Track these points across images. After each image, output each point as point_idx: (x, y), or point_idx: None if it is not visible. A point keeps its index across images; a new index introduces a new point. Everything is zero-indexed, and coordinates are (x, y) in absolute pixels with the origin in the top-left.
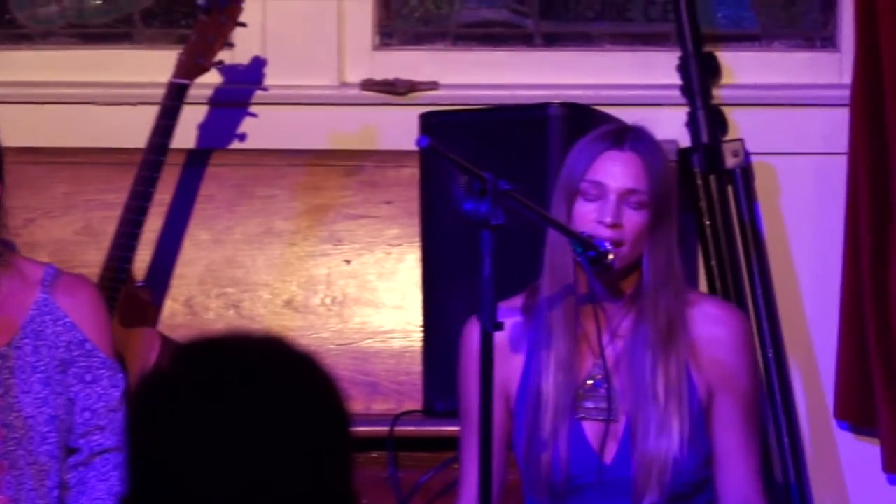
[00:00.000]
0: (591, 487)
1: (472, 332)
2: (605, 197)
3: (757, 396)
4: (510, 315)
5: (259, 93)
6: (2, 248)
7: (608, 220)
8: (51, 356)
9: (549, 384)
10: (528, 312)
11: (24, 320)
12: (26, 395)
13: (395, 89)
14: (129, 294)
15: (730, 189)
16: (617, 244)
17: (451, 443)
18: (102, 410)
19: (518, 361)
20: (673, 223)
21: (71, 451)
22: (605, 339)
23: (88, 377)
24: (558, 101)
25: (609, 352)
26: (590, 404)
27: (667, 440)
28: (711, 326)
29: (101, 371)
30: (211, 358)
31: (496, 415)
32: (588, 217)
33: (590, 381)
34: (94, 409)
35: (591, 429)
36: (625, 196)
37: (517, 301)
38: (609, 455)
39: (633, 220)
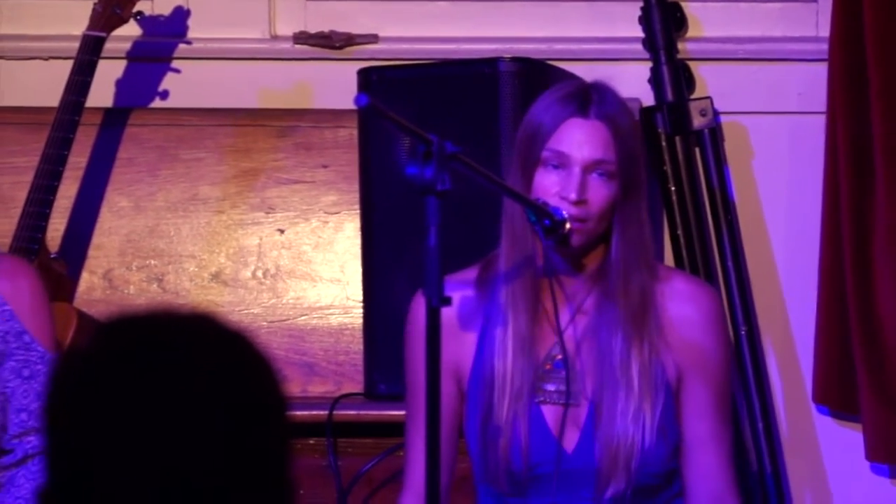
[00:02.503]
0: (551, 477)
1: (419, 307)
2: (569, 168)
3: (729, 381)
4: (462, 289)
5: (182, 46)
6: None
7: (573, 196)
8: None
9: (507, 364)
10: (482, 286)
11: None
12: None
13: (331, 43)
14: (43, 266)
15: (697, 151)
16: (580, 220)
17: (395, 428)
18: (39, 411)
19: (471, 339)
20: (642, 193)
21: (3, 451)
22: (567, 316)
23: (26, 372)
24: (509, 55)
25: (571, 331)
26: (550, 387)
27: (635, 425)
28: (681, 304)
29: (40, 367)
30: (132, 336)
31: (446, 397)
32: (550, 190)
33: (549, 362)
34: (30, 409)
35: (550, 413)
36: (590, 168)
37: (470, 273)
38: (570, 442)
39: (600, 193)
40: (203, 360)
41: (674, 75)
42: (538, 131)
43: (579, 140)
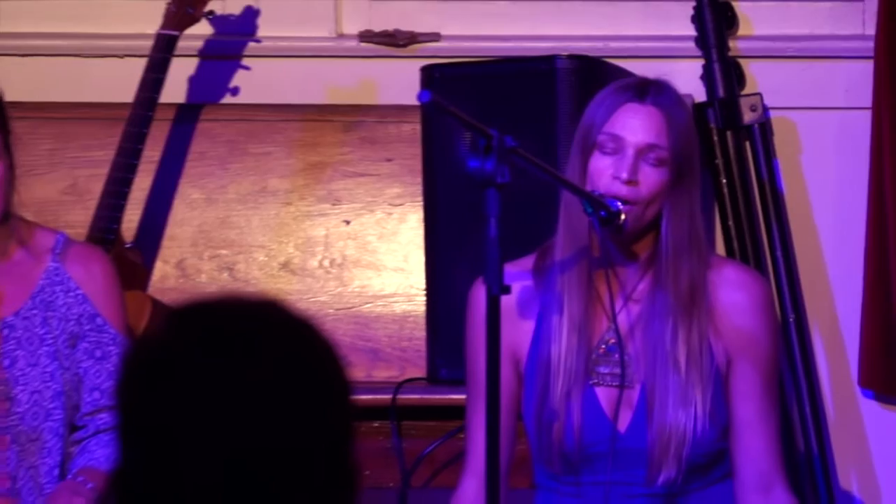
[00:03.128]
0: (604, 457)
1: (479, 295)
2: (623, 152)
3: (777, 365)
4: (520, 277)
5: (252, 45)
6: (10, 214)
7: (624, 175)
8: (61, 329)
9: (562, 349)
10: (539, 274)
11: (34, 290)
12: (33, 369)
13: (396, 41)
14: (118, 256)
15: (747, 146)
16: (632, 202)
17: (457, 411)
18: (111, 390)
19: (528, 325)
20: (695, 184)
21: (76, 428)
22: (619, 302)
23: (98, 353)
24: (566, 53)
25: (623, 316)
26: (604, 369)
27: (686, 411)
28: (732, 291)
29: (112, 348)
30: (204, 323)
31: (505, 382)
32: (604, 172)
33: (603, 346)
34: (102, 388)
35: (604, 395)
36: (643, 152)
37: (527, 262)
38: (623, 423)
39: (652, 177)
40: (271, 346)
41: (725, 72)
42: (595, 118)
43: (633, 125)
